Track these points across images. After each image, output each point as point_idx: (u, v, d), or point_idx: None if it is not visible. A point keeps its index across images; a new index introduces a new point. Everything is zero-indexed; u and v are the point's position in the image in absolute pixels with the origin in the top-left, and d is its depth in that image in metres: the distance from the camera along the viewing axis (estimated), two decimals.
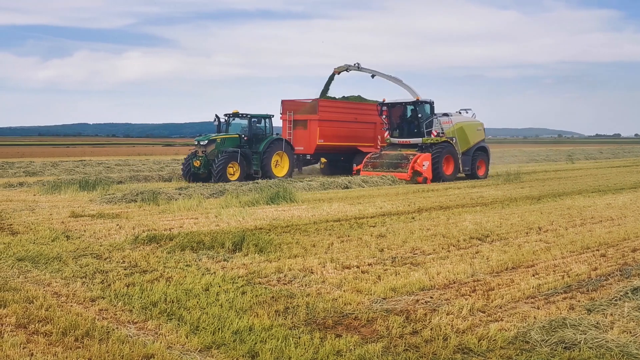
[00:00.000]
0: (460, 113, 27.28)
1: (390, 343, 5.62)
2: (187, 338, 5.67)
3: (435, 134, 25.32)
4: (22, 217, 13.05)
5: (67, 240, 10.32)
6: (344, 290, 7.29)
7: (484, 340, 5.65)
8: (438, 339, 5.68)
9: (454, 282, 7.74)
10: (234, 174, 22.74)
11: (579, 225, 12.23)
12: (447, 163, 25.14)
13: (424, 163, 23.94)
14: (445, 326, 6.02)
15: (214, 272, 8.10)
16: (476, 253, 9.49)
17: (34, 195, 17.91)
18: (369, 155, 25.81)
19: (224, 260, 8.85)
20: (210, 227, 11.79)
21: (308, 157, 27.56)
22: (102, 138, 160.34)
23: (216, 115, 24.06)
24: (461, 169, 25.85)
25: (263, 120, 24.48)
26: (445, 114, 26.33)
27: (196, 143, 23.53)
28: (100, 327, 5.86)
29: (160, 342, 5.53)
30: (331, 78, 28.97)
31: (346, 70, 28.07)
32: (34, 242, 10.00)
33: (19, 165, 31.26)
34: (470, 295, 7.14)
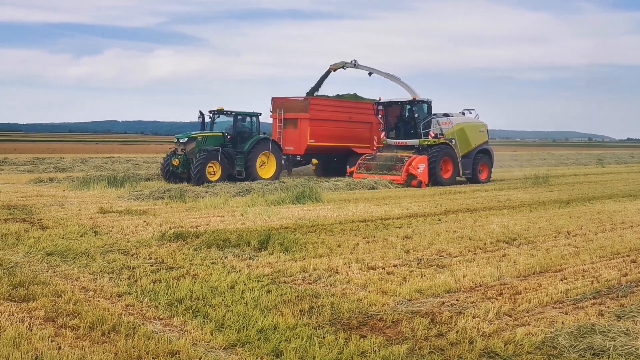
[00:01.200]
0: (463, 114, 25.96)
1: (415, 345, 5.58)
2: (212, 335, 5.70)
3: (433, 135, 24.03)
4: (52, 212, 13.24)
5: (95, 235, 10.45)
6: (369, 291, 7.27)
7: (510, 344, 5.58)
8: (464, 342, 5.63)
9: (481, 285, 7.67)
10: (214, 174, 21.08)
11: (609, 230, 12.03)
12: (445, 166, 23.73)
13: (420, 166, 22.45)
14: (471, 329, 5.96)
15: (240, 270, 8.13)
16: (503, 256, 9.39)
17: (64, 190, 18.16)
18: (363, 157, 24.49)
19: (250, 258, 8.88)
20: (236, 225, 11.85)
21: (298, 157, 25.93)
22: (131, 135, 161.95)
23: (200, 112, 22.48)
24: (461, 172, 24.50)
25: (249, 118, 22.89)
26: (446, 114, 25.07)
27: (176, 141, 22.10)
28: (126, 323, 5.92)
29: (186, 339, 5.56)
30: (326, 75, 27.75)
31: (342, 67, 27.01)
32: (63, 237, 10.14)
33: (49, 161, 31.81)
34: (496, 299, 7.07)
